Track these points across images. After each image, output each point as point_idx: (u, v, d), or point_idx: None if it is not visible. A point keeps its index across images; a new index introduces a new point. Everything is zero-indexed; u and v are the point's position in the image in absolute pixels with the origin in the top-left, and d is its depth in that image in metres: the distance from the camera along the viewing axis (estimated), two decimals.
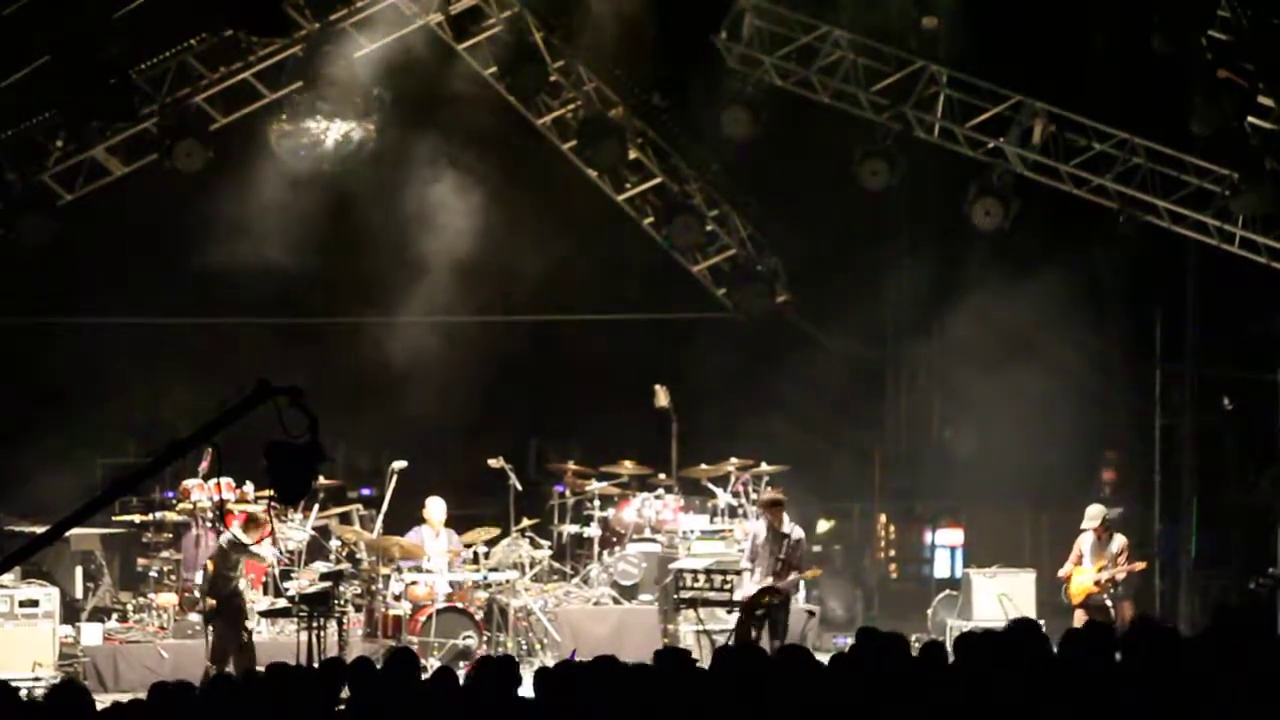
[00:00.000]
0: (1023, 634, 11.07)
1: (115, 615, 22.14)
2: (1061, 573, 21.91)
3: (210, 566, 19.92)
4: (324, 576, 20.25)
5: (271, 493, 21.05)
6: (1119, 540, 21.78)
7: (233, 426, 9.09)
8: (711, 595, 20.71)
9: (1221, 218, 23.55)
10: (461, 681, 11.13)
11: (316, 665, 18.37)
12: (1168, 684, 10.15)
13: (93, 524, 21.70)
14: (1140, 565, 22.18)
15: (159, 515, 22.35)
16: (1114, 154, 23.63)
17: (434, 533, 22.04)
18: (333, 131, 23.74)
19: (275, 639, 20.54)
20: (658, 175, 25.85)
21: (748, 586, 20.65)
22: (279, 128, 23.77)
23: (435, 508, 22.10)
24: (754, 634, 20.19)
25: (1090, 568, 21.70)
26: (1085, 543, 21.92)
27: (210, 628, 19.87)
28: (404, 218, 25.77)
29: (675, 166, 25.87)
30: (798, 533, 21.01)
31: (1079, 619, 21.08)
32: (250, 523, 20.15)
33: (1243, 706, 10.01)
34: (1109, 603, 21.70)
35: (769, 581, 20.62)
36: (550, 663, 20.51)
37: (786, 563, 20.60)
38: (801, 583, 22.89)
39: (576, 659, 12.82)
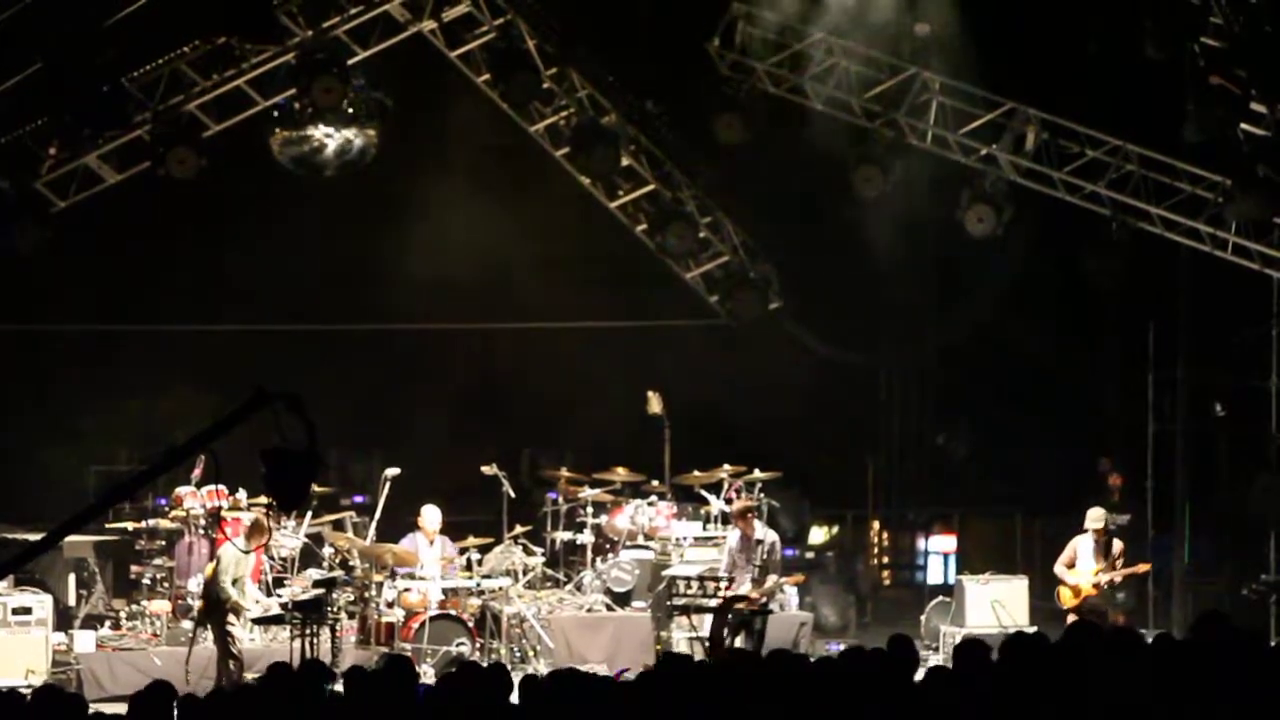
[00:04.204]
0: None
1: (108, 622, 22.10)
2: (1056, 571, 21.93)
3: (208, 571, 19.98)
4: (317, 584, 20.24)
5: (266, 500, 21.13)
6: (1119, 545, 21.84)
7: (227, 433, 9.07)
8: (705, 602, 20.70)
9: (1214, 224, 23.58)
10: None
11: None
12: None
13: (86, 531, 21.66)
14: (1144, 567, 22.23)
15: (152, 523, 22.32)
16: (1107, 160, 23.67)
17: (428, 541, 22.01)
18: (334, 139, 23.73)
19: (268, 646, 20.52)
20: (651, 182, 25.85)
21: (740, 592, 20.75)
22: (281, 135, 23.76)
23: (430, 516, 22.08)
24: (728, 640, 20.28)
25: (1088, 570, 21.72)
26: (1083, 545, 21.91)
27: (202, 632, 20.03)
28: (396, 226, 25.78)
29: (668, 173, 25.87)
30: (771, 537, 21.21)
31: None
32: (254, 530, 20.16)
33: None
34: (1107, 609, 21.75)
35: (748, 587, 20.74)
36: (544, 670, 20.51)
37: (764, 568, 20.83)
38: (794, 589, 22.91)
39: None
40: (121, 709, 11.38)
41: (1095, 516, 21.94)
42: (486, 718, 10.70)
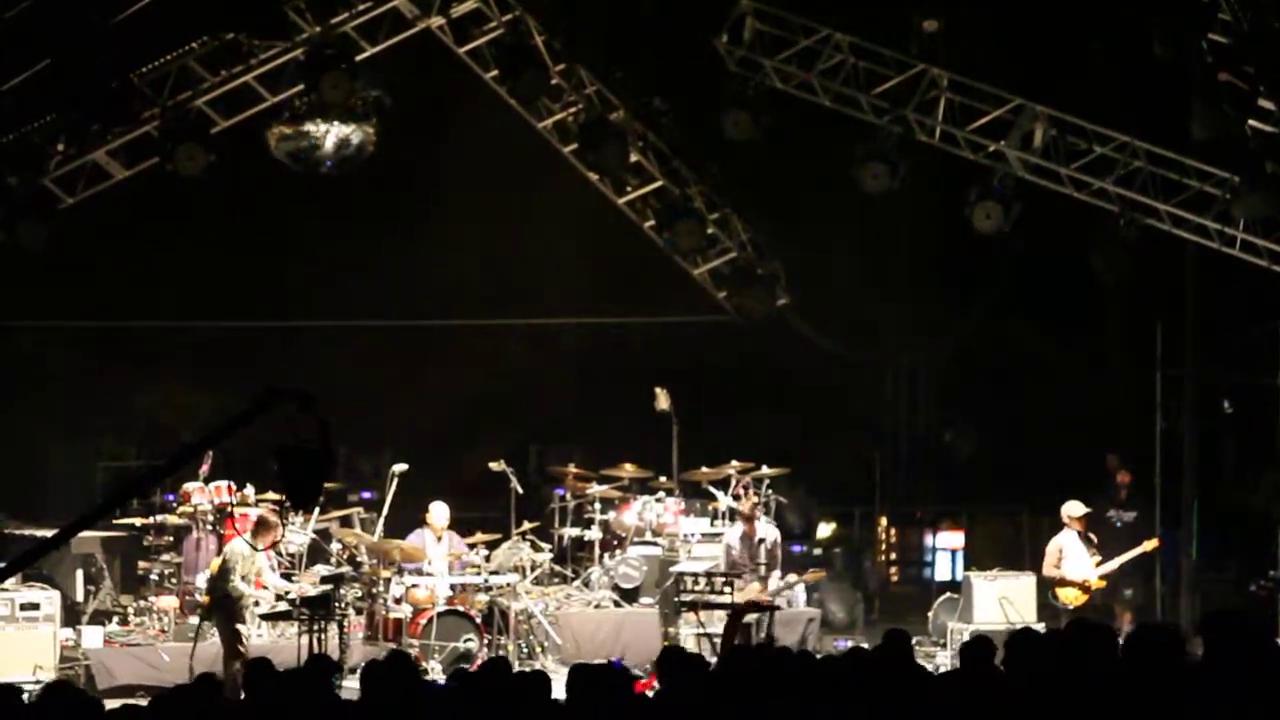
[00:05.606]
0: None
1: (116, 618, 22.15)
2: (1050, 574, 21.95)
3: (214, 567, 19.99)
4: (325, 579, 20.26)
5: (273, 495, 21.21)
6: (1092, 535, 21.99)
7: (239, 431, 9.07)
8: (712, 598, 20.71)
9: (1222, 221, 23.54)
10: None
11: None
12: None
13: (94, 527, 21.70)
14: (1151, 544, 22.37)
15: (160, 518, 22.35)
16: (1114, 157, 23.62)
17: (435, 538, 22.02)
18: (332, 135, 23.71)
19: (275, 641, 20.54)
20: (659, 178, 25.86)
21: (746, 591, 20.78)
22: (278, 131, 23.74)
23: (438, 513, 22.10)
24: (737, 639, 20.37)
25: (1086, 565, 21.74)
26: (1069, 541, 21.99)
27: (208, 627, 20.07)
28: (403, 222, 25.81)
29: (676, 169, 25.87)
30: (773, 535, 21.36)
31: None
32: (260, 527, 20.17)
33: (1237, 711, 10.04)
34: (1112, 603, 21.79)
35: (757, 587, 20.81)
36: (551, 666, 20.56)
37: (768, 566, 20.91)
38: (802, 585, 22.92)
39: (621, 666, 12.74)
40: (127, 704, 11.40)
41: (1077, 507, 22.00)
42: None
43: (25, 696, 11.53)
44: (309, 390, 8.87)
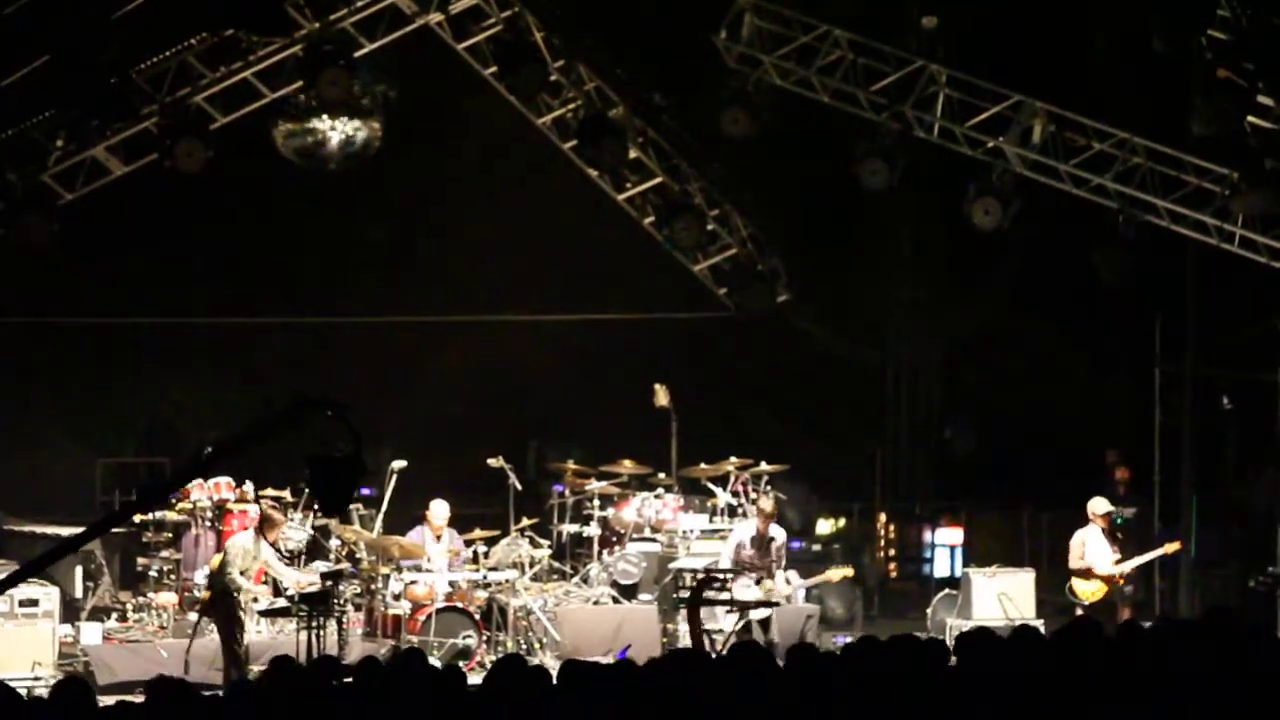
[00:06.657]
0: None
1: (115, 615, 22.14)
2: (1074, 566, 21.95)
3: (214, 563, 19.99)
4: (324, 576, 20.26)
5: (273, 490, 21.25)
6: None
7: (230, 423, 9.10)
8: (712, 595, 20.71)
9: (1221, 217, 23.54)
10: None
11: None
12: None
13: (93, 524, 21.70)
14: (1173, 546, 22.41)
15: (159, 515, 22.34)
16: (1113, 153, 23.62)
17: (434, 536, 22.00)
18: (337, 131, 23.69)
19: (275, 638, 20.54)
20: (658, 175, 25.84)
21: (747, 589, 20.77)
22: (285, 128, 23.72)
23: (437, 511, 22.09)
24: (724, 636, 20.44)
25: (1108, 560, 21.74)
26: (1093, 537, 21.97)
27: (205, 623, 20.07)
28: (401, 218, 25.81)
29: (676, 166, 25.86)
30: (782, 536, 21.39)
31: None
32: (265, 522, 20.17)
33: (1237, 706, 10.04)
34: (1119, 603, 21.85)
35: (768, 584, 20.84)
36: (550, 662, 20.55)
37: (776, 564, 20.93)
38: (802, 585, 22.95)
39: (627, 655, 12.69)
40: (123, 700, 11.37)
41: (1101, 504, 21.99)
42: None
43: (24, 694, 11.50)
44: (322, 392, 8.89)
